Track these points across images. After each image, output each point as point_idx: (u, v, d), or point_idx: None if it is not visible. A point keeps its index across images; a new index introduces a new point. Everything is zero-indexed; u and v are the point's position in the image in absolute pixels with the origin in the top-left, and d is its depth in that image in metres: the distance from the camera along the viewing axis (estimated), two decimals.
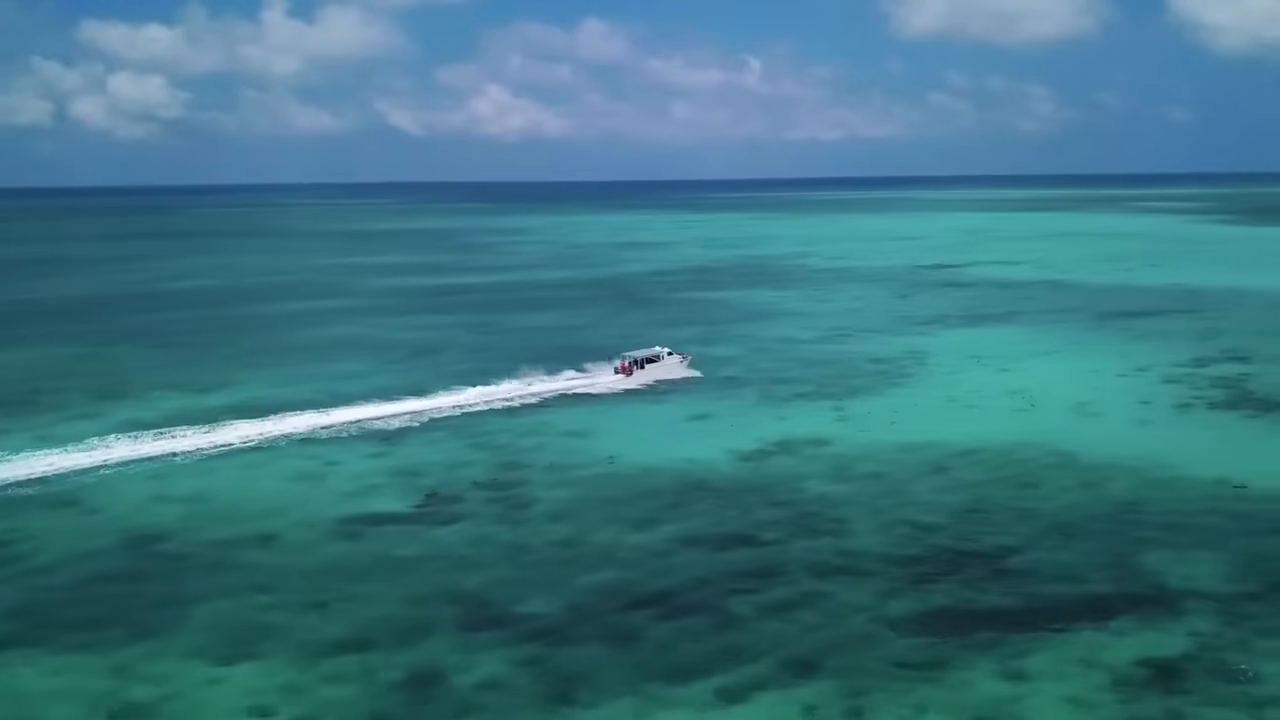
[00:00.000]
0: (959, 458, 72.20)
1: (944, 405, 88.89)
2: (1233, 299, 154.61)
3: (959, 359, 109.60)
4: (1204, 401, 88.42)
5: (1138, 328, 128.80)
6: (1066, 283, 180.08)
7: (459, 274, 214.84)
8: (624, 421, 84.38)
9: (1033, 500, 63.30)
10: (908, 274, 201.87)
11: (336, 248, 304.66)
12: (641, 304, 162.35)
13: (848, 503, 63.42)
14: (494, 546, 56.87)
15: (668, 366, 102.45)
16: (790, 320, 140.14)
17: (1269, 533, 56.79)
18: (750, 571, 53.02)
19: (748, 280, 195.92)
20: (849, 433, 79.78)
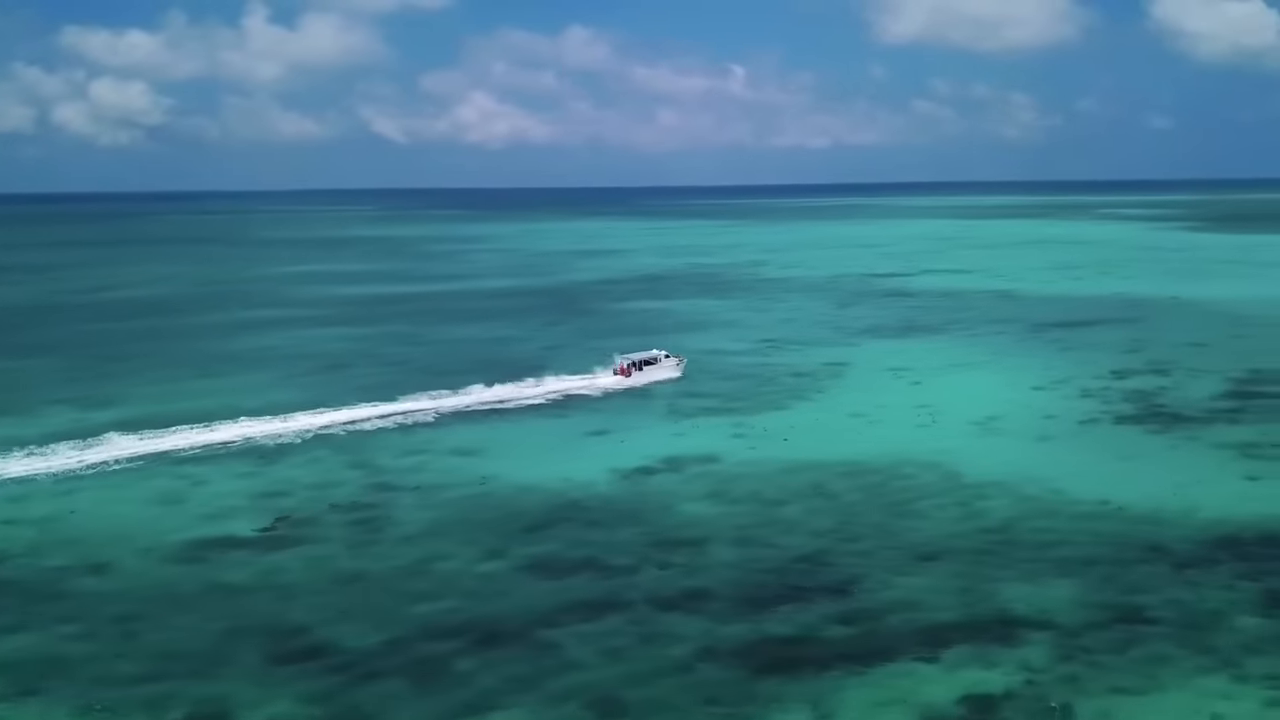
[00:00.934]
0: (842, 477, 70.44)
1: (845, 421, 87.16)
2: (1173, 308, 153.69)
3: (877, 372, 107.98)
4: (1111, 416, 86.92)
5: (1068, 339, 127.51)
6: (1012, 292, 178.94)
7: (406, 283, 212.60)
8: (516, 438, 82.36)
9: (904, 523, 61.54)
10: (856, 283, 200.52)
11: (293, 255, 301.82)
12: (579, 314, 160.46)
13: (714, 525, 61.57)
14: (330, 574, 54.81)
15: (664, 368, 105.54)
16: (722, 331, 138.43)
17: (1130, 559, 55.06)
18: (589, 601, 51.09)
19: (695, 289, 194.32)
20: (740, 450, 77.97)
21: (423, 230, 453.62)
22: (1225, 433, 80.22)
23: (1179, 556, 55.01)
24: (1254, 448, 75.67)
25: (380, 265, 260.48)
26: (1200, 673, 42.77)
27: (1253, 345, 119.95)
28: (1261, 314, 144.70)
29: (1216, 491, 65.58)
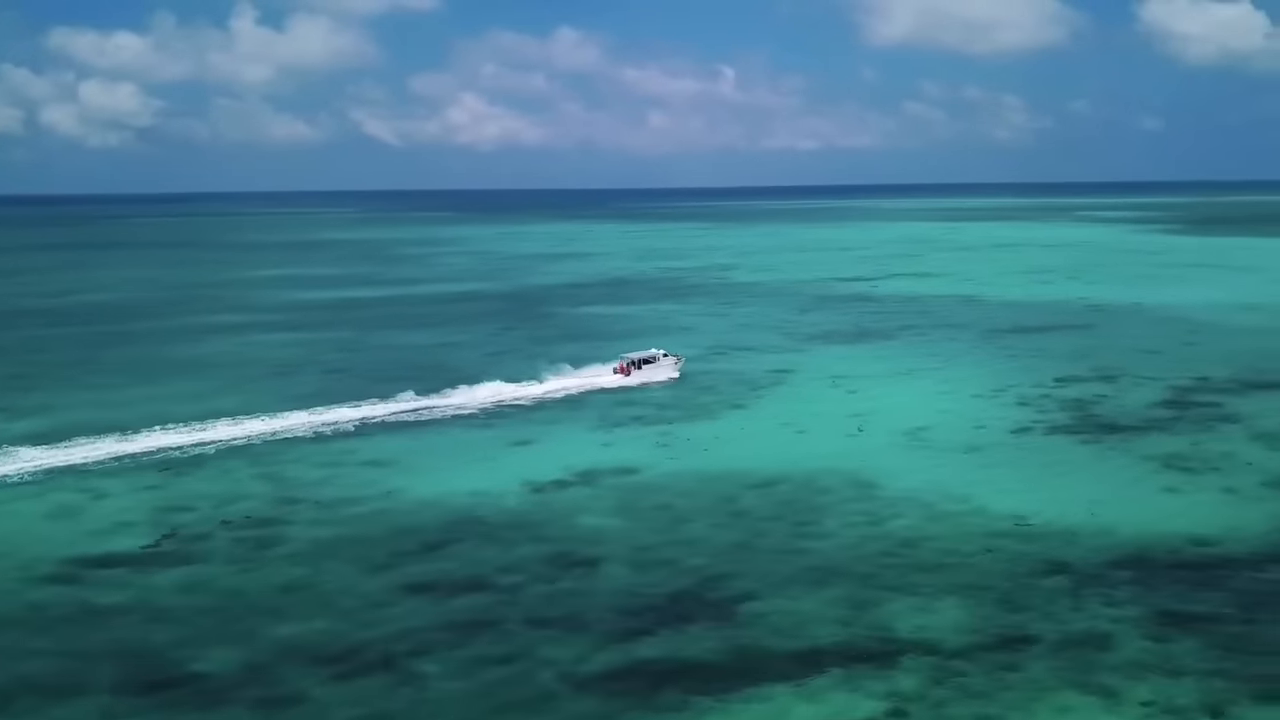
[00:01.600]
0: (756, 490, 69.09)
1: (774, 431, 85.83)
2: (1133, 314, 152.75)
3: (818, 380, 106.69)
4: (1044, 426, 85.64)
5: (1019, 345, 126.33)
6: (975, 297, 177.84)
7: (368, 287, 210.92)
8: (436, 449, 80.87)
9: (807, 540, 60.15)
10: (822, 287, 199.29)
11: (263, 259, 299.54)
12: (535, 319, 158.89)
13: (614, 542, 60.12)
14: (206, 594, 53.27)
15: (663, 367, 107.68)
16: (674, 337, 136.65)
17: (1029, 579, 53.70)
18: (465, 623, 49.61)
19: (659, 293, 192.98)
20: (661, 461, 76.56)
21: (400, 233, 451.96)
22: (1156, 444, 79.00)
23: (1079, 576, 53.67)
24: (1181, 459, 74.46)
25: (347, 269, 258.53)
26: (1074, 701, 41.44)
27: (1204, 352, 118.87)
28: (1219, 320, 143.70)
29: (1133, 507, 64.30)
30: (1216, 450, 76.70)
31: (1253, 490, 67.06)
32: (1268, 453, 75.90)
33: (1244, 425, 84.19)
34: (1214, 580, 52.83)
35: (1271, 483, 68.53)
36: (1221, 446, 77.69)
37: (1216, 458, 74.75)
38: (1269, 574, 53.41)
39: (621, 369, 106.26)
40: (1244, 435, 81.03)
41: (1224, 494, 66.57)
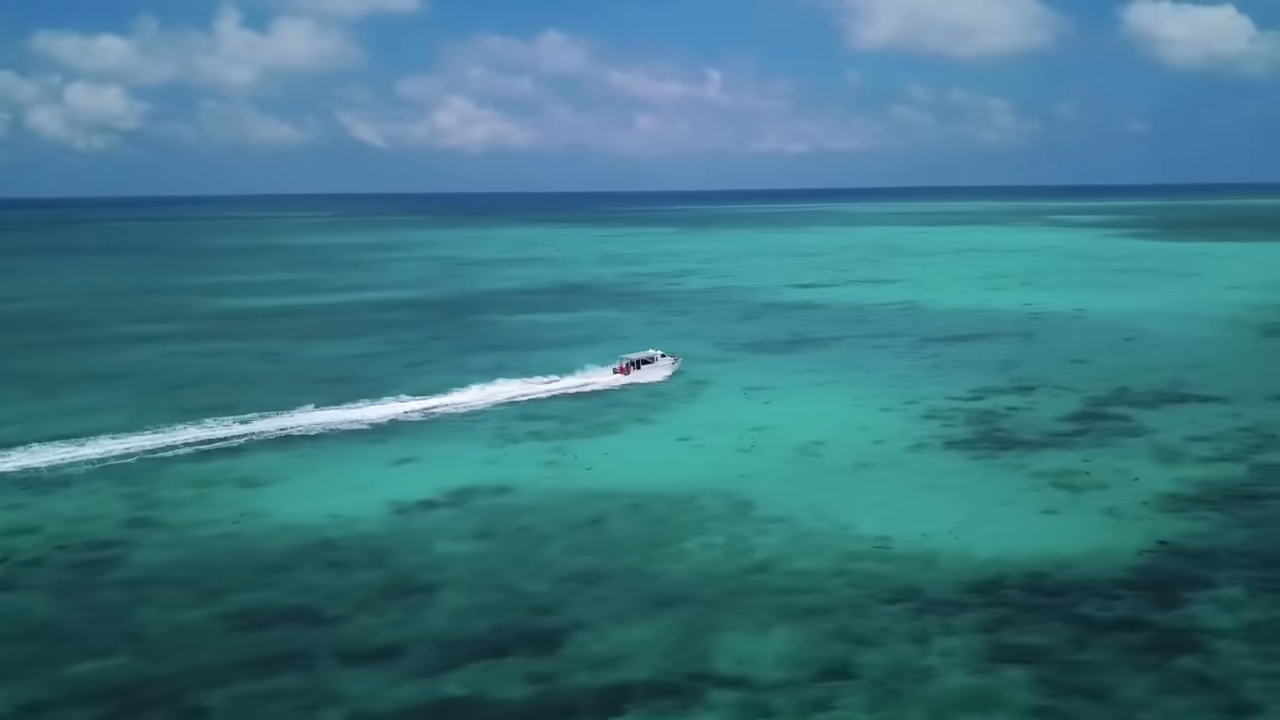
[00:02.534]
0: (626, 510, 67.15)
1: (667, 446, 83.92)
2: (1074, 321, 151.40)
3: (733, 391, 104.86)
4: (943, 441, 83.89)
5: (947, 355, 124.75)
6: (920, 304, 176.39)
7: (309, 294, 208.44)
8: (314, 467, 78.69)
9: (660, 564, 58.20)
10: (772, 294, 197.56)
11: (214, 264, 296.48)
12: (466, 327, 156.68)
13: (461, 567, 58.10)
14: (17, 626, 51.10)
15: (660, 368, 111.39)
16: (604, 346, 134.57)
17: (874, 606, 51.84)
18: (275, 656, 47.53)
19: (607, 301, 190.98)
20: (539, 479, 74.51)
21: (366, 237, 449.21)
22: (1050, 460, 77.26)
23: (923, 604, 51.83)
24: (1070, 477, 72.73)
25: (296, 275, 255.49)
26: None
27: (1130, 362, 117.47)
28: (1155, 328, 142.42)
29: (1002, 530, 62.54)
30: (1110, 467, 75.01)
31: (1132, 511, 65.31)
32: (1160, 469, 74.24)
33: (1145, 440, 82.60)
34: (1060, 609, 50.99)
35: (1153, 502, 66.81)
36: (1116, 463, 76.00)
37: (1108, 475, 73.03)
38: (1119, 604, 51.56)
39: (621, 369, 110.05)
40: (1143, 451, 79.39)
41: (1102, 515, 64.78)
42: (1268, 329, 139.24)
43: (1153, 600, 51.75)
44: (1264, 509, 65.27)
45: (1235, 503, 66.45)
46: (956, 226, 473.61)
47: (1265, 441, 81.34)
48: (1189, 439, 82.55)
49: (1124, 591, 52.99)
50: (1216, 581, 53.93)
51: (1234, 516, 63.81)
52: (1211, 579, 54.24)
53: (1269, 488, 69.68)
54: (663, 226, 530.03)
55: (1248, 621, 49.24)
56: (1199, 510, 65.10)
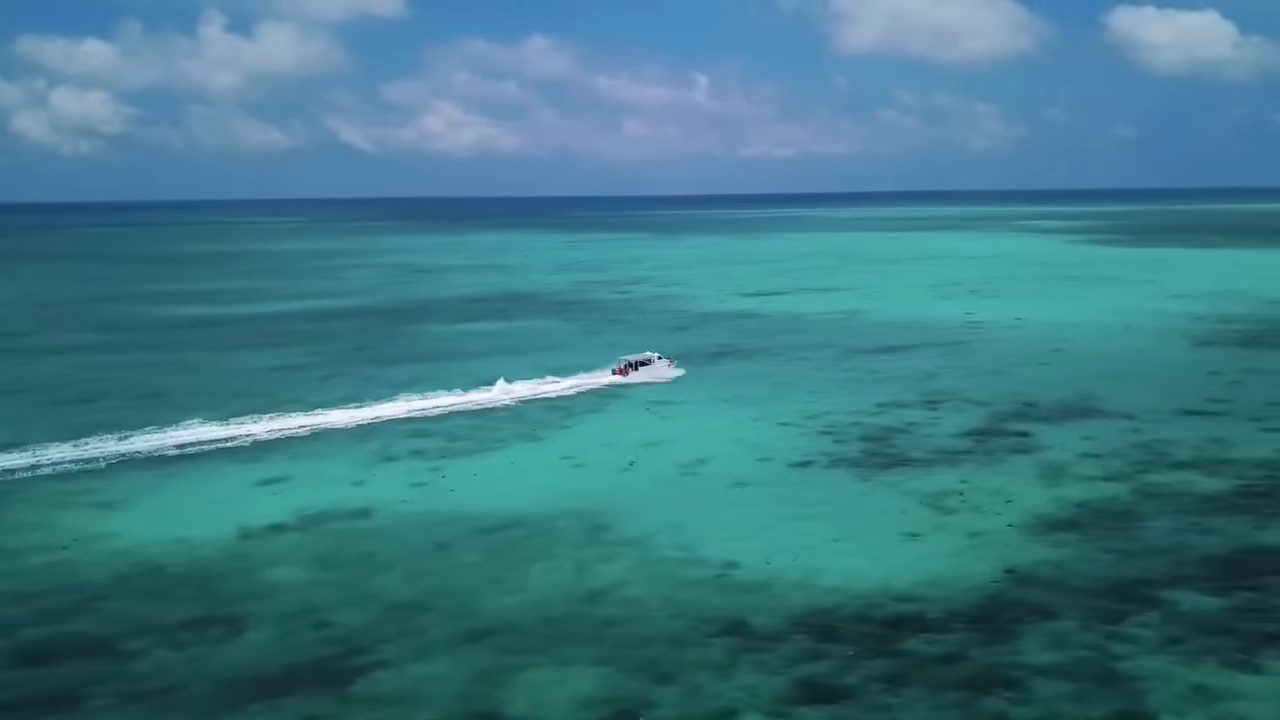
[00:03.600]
0: (479, 534, 65.13)
1: (546, 464, 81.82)
2: (1009, 331, 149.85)
3: (638, 406, 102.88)
4: (830, 459, 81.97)
5: (869, 366, 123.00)
6: (861, 313, 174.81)
7: (251, 302, 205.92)
8: (174, 488, 76.35)
9: (496, 593, 56.03)
10: (717, 302, 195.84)
11: (168, 272, 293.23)
12: (394, 338, 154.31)
13: (284, 597, 55.88)
14: None
15: (657, 369, 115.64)
16: (531, 357, 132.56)
17: (692, 641, 49.81)
18: (51, 695, 45.41)
19: (549, 309, 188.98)
20: (401, 501, 72.36)
21: (334, 243, 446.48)
22: (931, 480, 75.34)
23: (746, 638, 49.85)
24: (945, 498, 70.86)
25: (245, 283, 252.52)
26: None
27: (1051, 374, 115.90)
28: (1088, 339, 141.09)
29: (856, 555, 60.66)
30: (988, 487, 73.17)
31: (994, 536, 63.43)
32: (1039, 489, 72.40)
33: (1035, 457, 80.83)
34: (884, 644, 49.01)
35: (1019, 526, 64.94)
36: (996, 483, 74.18)
37: (983, 496, 71.18)
38: (946, 638, 49.54)
39: (620, 370, 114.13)
40: (1028, 469, 77.58)
41: (962, 540, 62.87)
42: (1200, 340, 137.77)
43: (981, 635, 49.80)
44: (1130, 534, 63.40)
45: (1103, 527, 64.61)
46: (927, 232, 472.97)
47: (1156, 459, 79.62)
48: (1081, 456, 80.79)
49: (956, 625, 51.01)
50: (1054, 613, 52.02)
51: (1096, 542, 61.95)
52: (1049, 610, 52.33)
53: (1143, 510, 67.84)
54: (636, 232, 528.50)
55: (1073, 658, 47.34)
56: (1063, 535, 63.23)
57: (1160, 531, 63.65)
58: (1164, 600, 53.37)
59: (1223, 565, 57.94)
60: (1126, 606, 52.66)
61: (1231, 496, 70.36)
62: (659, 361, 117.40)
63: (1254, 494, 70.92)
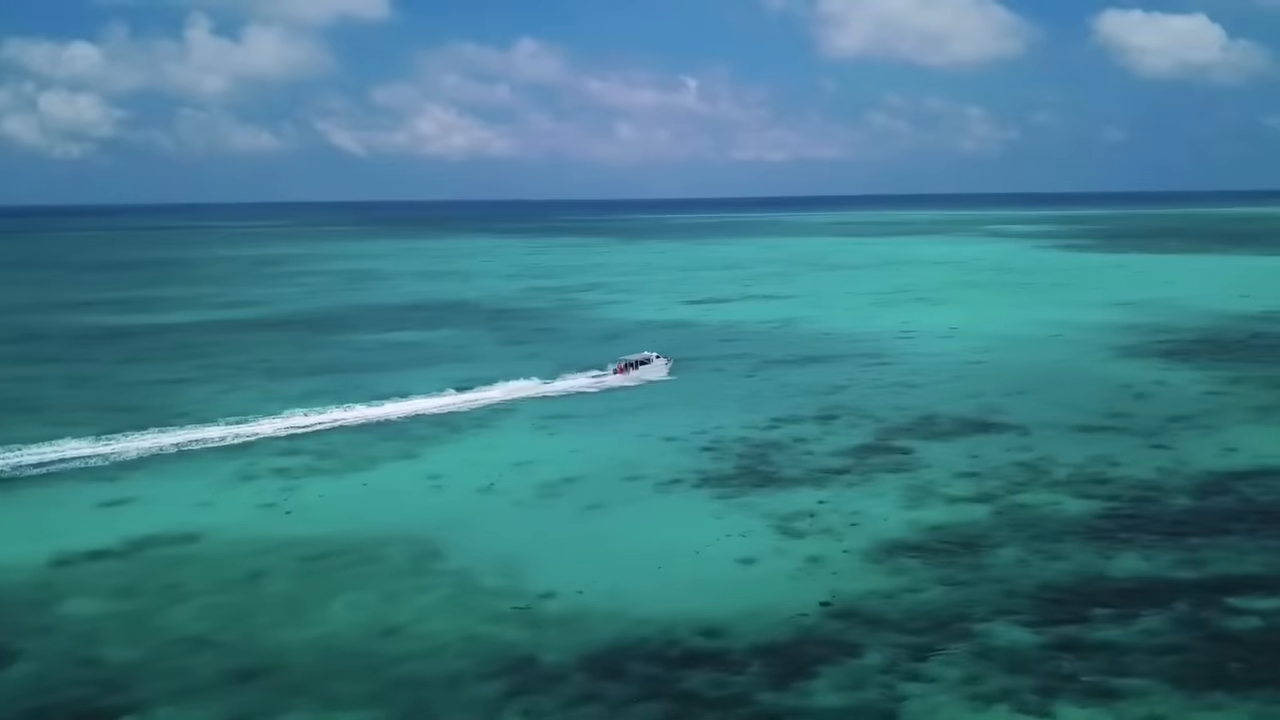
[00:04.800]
0: (298, 563, 62.55)
1: (406, 485, 79.16)
2: (936, 342, 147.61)
3: (527, 420, 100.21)
4: (700, 477, 79.49)
5: (781, 378, 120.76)
6: (794, 322, 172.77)
7: (183, 310, 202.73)
8: (11, 510, 73.69)
9: (284, 629, 53.39)
10: (655, 310, 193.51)
11: (111, 279, 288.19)
12: (308, 347, 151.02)
13: (63, 632, 53.32)
14: None
15: (655, 368, 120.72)
16: (441, 369, 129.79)
17: (467, 678, 47.26)
18: None
19: (479, 318, 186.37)
20: (235, 525, 69.65)
21: (299, 248, 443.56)
22: (792, 499, 72.99)
23: (527, 677, 47.40)
24: (796, 520, 68.50)
25: (186, 290, 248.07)
26: None
27: (963, 386, 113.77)
28: (1014, 348, 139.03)
29: (680, 584, 58.27)
30: (846, 508, 70.82)
31: (830, 563, 61.02)
32: (899, 510, 70.01)
33: (908, 476, 78.49)
34: (671, 685, 46.57)
35: (861, 552, 62.53)
36: (856, 504, 71.81)
37: (837, 518, 68.83)
38: (737, 679, 47.06)
39: (620, 370, 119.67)
40: (894, 490, 75.20)
41: (796, 567, 60.47)
42: (1124, 351, 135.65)
43: (775, 674, 47.36)
44: (972, 561, 60.95)
45: (947, 553, 62.20)
46: (901, 237, 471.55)
47: (1031, 479, 77.28)
48: (956, 476, 78.43)
49: (752, 663, 48.54)
50: (859, 650, 49.58)
51: (934, 570, 59.54)
52: (856, 647, 49.89)
53: (996, 535, 65.42)
54: (607, 237, 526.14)
55: (860, 701, 45.03)
56: (902, 562, 60.82)
57: (1005, 559, 61.26)
58: (980, 635, 50.96)
59: (1054, 597, 55.54)
60: (938, 642, 50.26)
61: (1094, 520, 68.03)
62: (657, 360, 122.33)
63: (1117, 517, 68.60)
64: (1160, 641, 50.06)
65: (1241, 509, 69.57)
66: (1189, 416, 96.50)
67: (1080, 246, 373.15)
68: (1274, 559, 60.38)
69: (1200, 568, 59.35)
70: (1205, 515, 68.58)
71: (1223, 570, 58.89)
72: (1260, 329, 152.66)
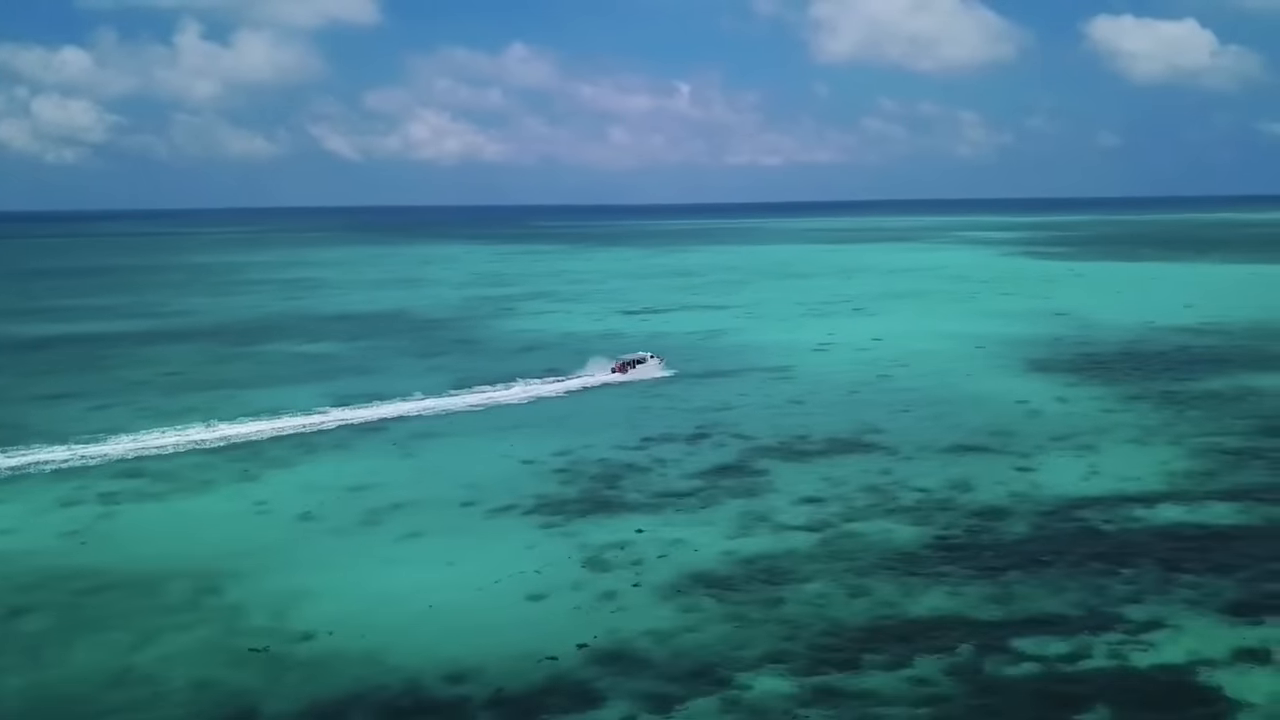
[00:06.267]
0: (68, 598, 59.59)
1: (223, 512, 76.02)
2: (854, 354, 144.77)
3: (390, 442, 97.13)
4: (536, 502, 76.44)
5: (673, 394, 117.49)
6: (720, 334, 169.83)
7: (96, 320, 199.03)
8: None
9: (14, 674, 50.30)
10: (590, 321, 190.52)
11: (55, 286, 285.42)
12: (207, 362, 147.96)
13: None
14: None
15: (650, 368, 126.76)
16: (331, 384, 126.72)
17: None
18: None
19: (407, 328, 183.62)
20: (29, 553, 66.90)
21: (260, 255, 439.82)
22: (615, 528, 70.05)
23: None
24: (608, 550, 65.53)
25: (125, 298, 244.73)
26: None
27: (852, 404, 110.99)
28: (927, 362, 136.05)
29: (449, 625, 55.17)
30: (666, 537, 67.88)
31: (623, 598, 58.05)
32: (717, 542, 66.93)
33: (748, 503, 75.50)
34: None
35: (655, 586, 59.52)
36: (679, 533, 68.86)
37: (651, 548, 65.90)
38: None
39: (618, 368, 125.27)
40: (727, 517, 72.19)
41: (580, 603, 57.49)
42: (1040, 364, 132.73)
43: None
44: (771, 597, 57.90)
45: (749, 590, 59.17)
46: (872, 244, 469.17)
47: (876, 505, 74.36)
48: (800, 500, 75.59)
49: (482, 714, 45.53)
50: (601, 699, 46.67)
51: (725, 608, 56.50)
52: (599, 696, 46.97)
53: (811, 568, 62.36)
54: (580, 242, 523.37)
55: None
56: (695, 599, 57.78)
57: (804, 595, 58.23)
58: (735, 684, 47.96)
59: (835, 640, 52.49)
60: (688, 692, 47.26)
61: (919, 550, 65.07)
62: (652, 360, 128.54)
63: (945, 548, 65.69)
64: (924, 691, 47.09)
65: (1075, 541, 66.58)
66: (1070, 436, 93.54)
67: (1050, 254, 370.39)
68: (1086, 596, 57.37)
69: (1005, 605, 56.34)
70: (1035, 546, 65.64)
71: (1027, 609, 55.89)
72: (1186, 342, 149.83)
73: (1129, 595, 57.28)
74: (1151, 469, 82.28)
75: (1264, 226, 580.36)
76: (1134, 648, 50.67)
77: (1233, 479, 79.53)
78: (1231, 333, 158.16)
